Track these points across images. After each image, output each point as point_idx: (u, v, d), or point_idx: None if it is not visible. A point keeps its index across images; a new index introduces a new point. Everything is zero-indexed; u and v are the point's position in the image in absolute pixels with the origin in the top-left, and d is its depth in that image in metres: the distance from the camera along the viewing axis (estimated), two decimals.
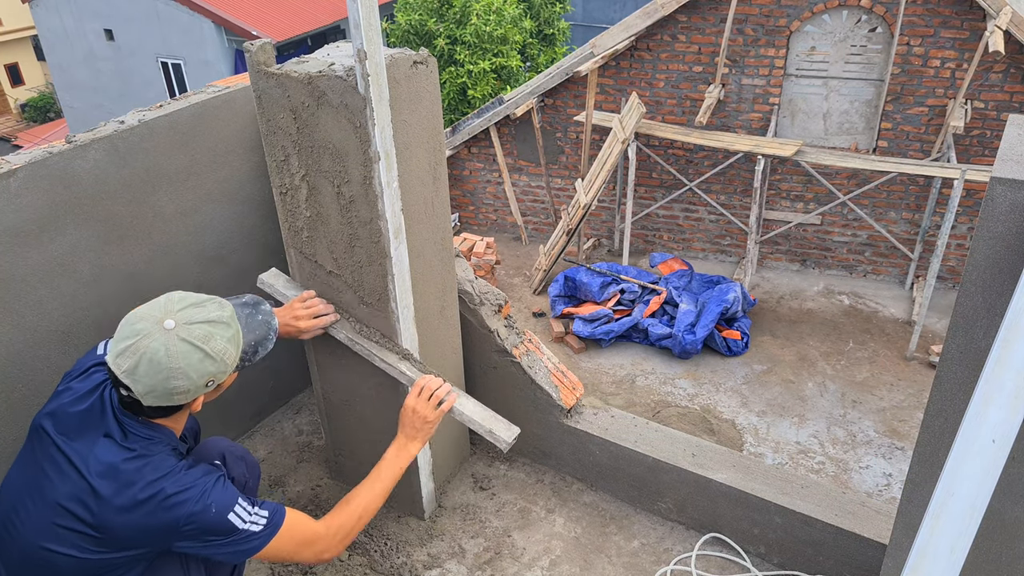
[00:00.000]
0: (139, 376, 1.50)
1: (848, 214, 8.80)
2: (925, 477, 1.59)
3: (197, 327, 1.55)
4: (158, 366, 1.50)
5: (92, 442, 1.56)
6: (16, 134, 23.66)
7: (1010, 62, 7.58)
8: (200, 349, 1.54)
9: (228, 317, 1.63)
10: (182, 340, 1.52)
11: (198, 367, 1.53)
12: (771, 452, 6.39)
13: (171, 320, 1.54)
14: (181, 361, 1.51)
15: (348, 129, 1.92)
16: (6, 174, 1.87)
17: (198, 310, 1.58)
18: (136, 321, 1.54)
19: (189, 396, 1.56)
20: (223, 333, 1.59)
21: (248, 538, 1.61)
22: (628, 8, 18.21)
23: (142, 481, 1.53)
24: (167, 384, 1.51)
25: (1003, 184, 1.27)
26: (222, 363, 1.58)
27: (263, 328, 1.75)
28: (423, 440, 2.02)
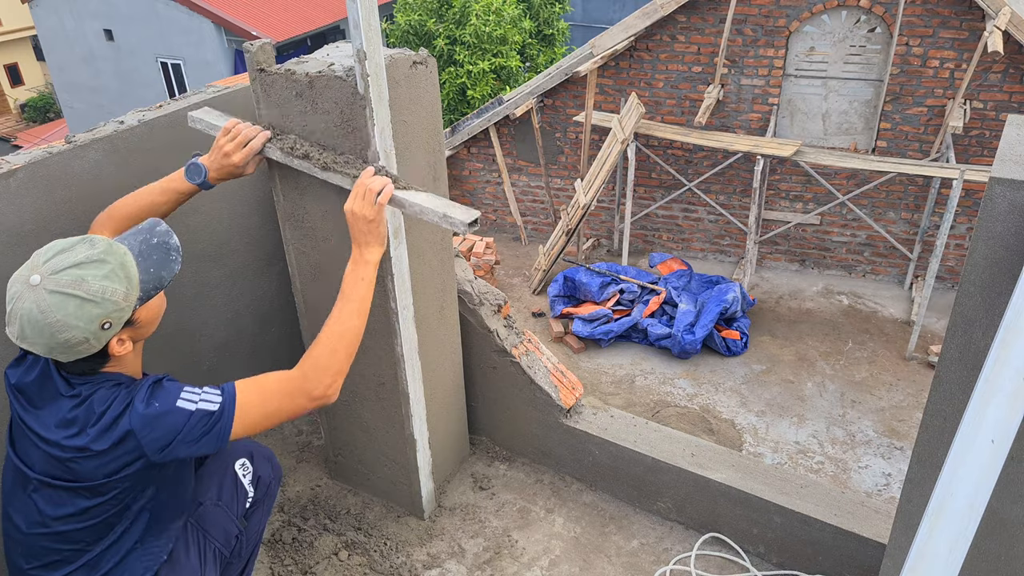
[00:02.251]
0: (29, 338, 1.46)
1: (847, 214, 8.80)
2: (924, 477, 1.59)
3: (64, 274, 1.47)
4: (38, 325, 1.45)
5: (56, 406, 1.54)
6: (16, 134, 23.64)
7: (1009, 62, 7.59)
8: (73, 296, 1.46)
9: (100, 253, 1.51)
10: (51, 292, 1.45)
11: (78, 313, 1.45)
12: (770, 452, 6.39)
13: (36, 275, 1.47)
14: (57, 313, 1.45)
15: (348, 129, 1.92)
16: (6, 174, 1.87)
17: (64, 256, 1.49)
18: (11, 285, 1.49)
19: (92, 344, 1.49)
20: (96, 272, 1.49)
21: (210, 418, 1.53)
22: (628, 8, 18.21)
23: (92, 417, 1.51)
24: (57, 338, 1.45)
25: (1002, 184, 1.27)
26: (106, 302, 1.48)
27: (161, 251, 1.61)
28: (377, 243, 1.83)
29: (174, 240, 1.65)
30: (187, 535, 1.76)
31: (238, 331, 2.66)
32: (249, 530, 1.94)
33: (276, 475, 2.02)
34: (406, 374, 2.22)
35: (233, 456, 1.91)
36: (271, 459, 2.01)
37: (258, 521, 1.97)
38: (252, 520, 1.95)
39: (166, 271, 1.60)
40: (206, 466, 1.88)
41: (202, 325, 2.50)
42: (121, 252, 1.54)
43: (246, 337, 2.70)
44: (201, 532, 1.79)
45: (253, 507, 1.93)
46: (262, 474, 1.94)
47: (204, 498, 1.82)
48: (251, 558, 2.00)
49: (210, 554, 1.78)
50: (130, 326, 1.55)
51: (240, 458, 1.91)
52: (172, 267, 1.62)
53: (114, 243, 1.55)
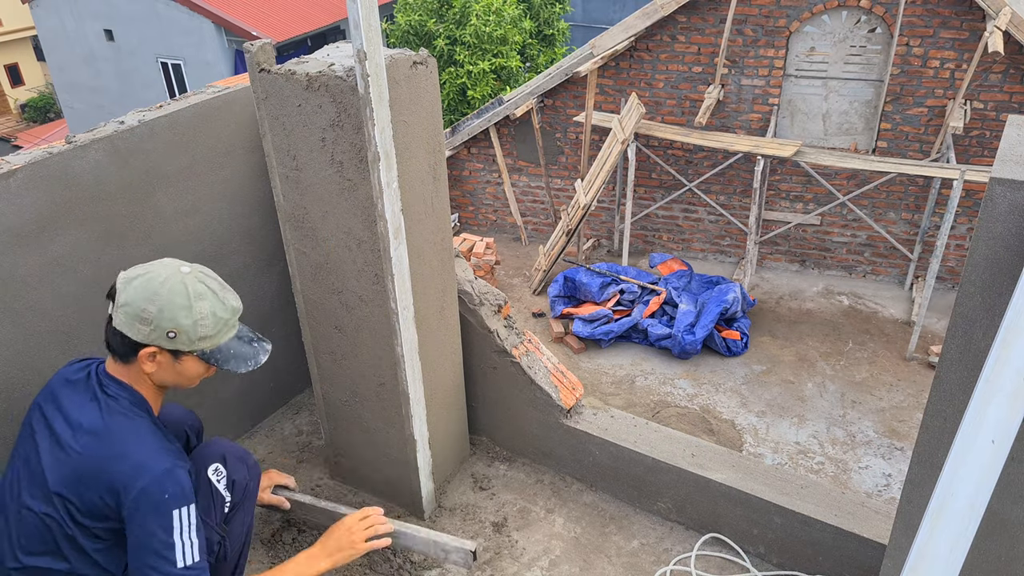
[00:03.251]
0: (130, 287, 1.59)
1: (847, 214, 8.80)
2: (924, 477, 1.59)
3: (201, 284, 1.64)
4: (149, 284, 1.59)
5: (80, 405, 1.63)
6: (16, 134, 23.64)
7: (1009, 63, 7.58)
8: (189, 297, 1.60)
9: (231, 308, 1.69)
10: (181, 282, 1.61)
11: (173, 310, 1.59)
12: (770, 452, 6.39)
13: (189, 268, 1.65)
14: (166, 293, 1.59)
15: (348, 129, 1.92)
16: (6, 174, 1.87)
17: (214, 281, 1.68)
18: (166, 259, 1.68)
19: (149, 331, 1.58)
20: (215, 306, 1.65)
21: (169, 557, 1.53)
22: (628, 8, 18.21)
23: (116, 435, 1.58)
24: (141, 304, 1.57)
25: (1002, 185, 1.27)
26: (194, 325, 1.61)
27: (248, 354, 1.74)
28: (337, 563, 1.92)
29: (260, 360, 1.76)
30: None
31: None
32: (232, 533, 1.90)
33: (253, 474, 1.96)
34: (406, 374, 2.22)
35: (204, 463, 1.84)
36: (245, 459, 1.94)
37: (240, 523, 1.93)
38: (233, 523, 1.91)
39: (233, 363, 1.72)
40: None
41: None
42: (235, 320, 1.71)
43: None
44: None
45: (232, 511, 1.89)
46: (236, 477, 1.89)
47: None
48: (241, 557, 1.96)
49: None
50: (172, 357, 1.65)
51: (212, 463, 1.85)
52: (238, 366, 1.73)
53: (239, 313, 1.73)
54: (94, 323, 2.13)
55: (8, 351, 1.94)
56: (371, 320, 2.20)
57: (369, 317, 2.20)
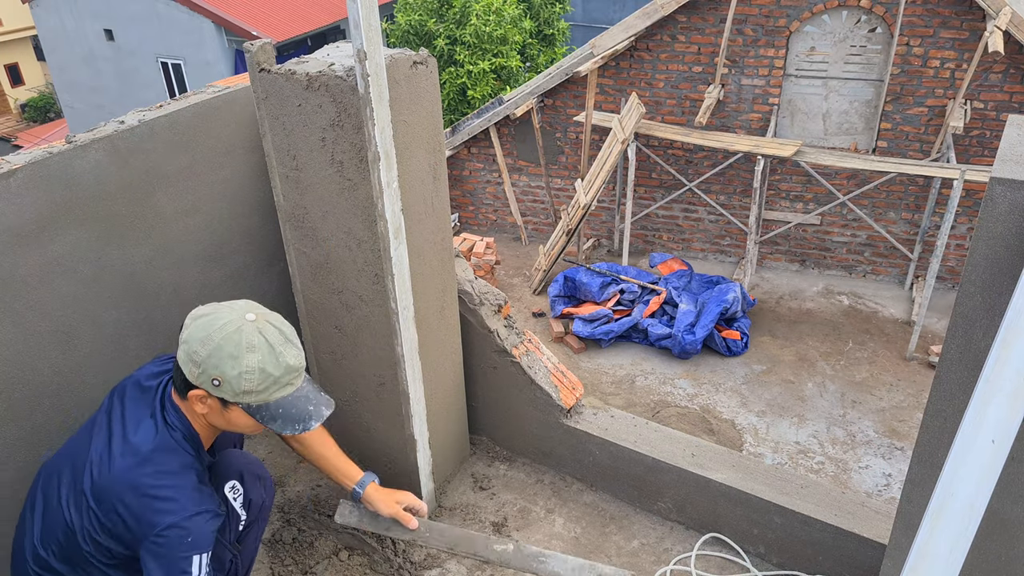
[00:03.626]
0: (194, 325, 1.58)
1: (848, 214, 8.80)
2: (925, 477, 1.59)
3: (260, 335, 1.57)
4: (208, 326, 1.56)
5: (139, 419, 1.63)
6: (16, 134, 23.63)
7: (1009, 62, 7.58)
8: (240, 348, 1.55)
9: (285, 366, 1.60)
10: (238, 329, 1.56)
11: (221, 358, 1.54)
12: (770, 452, 6.39)
13: (253, 315, 1.60)
14: (219, 340, 1.54)
15: (348, 129, 1.92)
16: (6, 174, 1.87)
17: (277, 334, 1.61)
18: (241, 301, 1.65)
19: (198, 374, 1.56)
20: (266, 362, 1.57)
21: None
22: (628, 8, 18.20)
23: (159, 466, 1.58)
24: (196, 345, 1.55)
25: (1002, 184, 1.27)
26: (238, 377, 1.55)
27: (300, 416, 1.66)
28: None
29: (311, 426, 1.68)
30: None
31: None
32: (244, 551, 1.89)
33: (269, 493, 1.93)
34: (406, 374, 2.22)
35: (222, 479, 1.81)
36: (262, 476, 1.91)
37: (253, 539, 1.92)
38: (247, 541, 1.90)
39: (280, 424, 1.65)
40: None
41: None
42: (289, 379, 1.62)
43: None
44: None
45: (246, 529, 1.87)
46: (253, 496, 1.86)
47: None
48: (249, 571, 1.96)
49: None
50: (220, 404, 1.61)
51: (229, 480, 1.82)
52: (284, 428, 1.65)
53: (303, 373, 1.65)
54: (94, 323, 2.13)
55: (8, 351, 1.94)
56: (371, 320, 2.20)
57: (369, 317, 2.20)
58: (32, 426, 2.01)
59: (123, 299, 2.20)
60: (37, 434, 2.03)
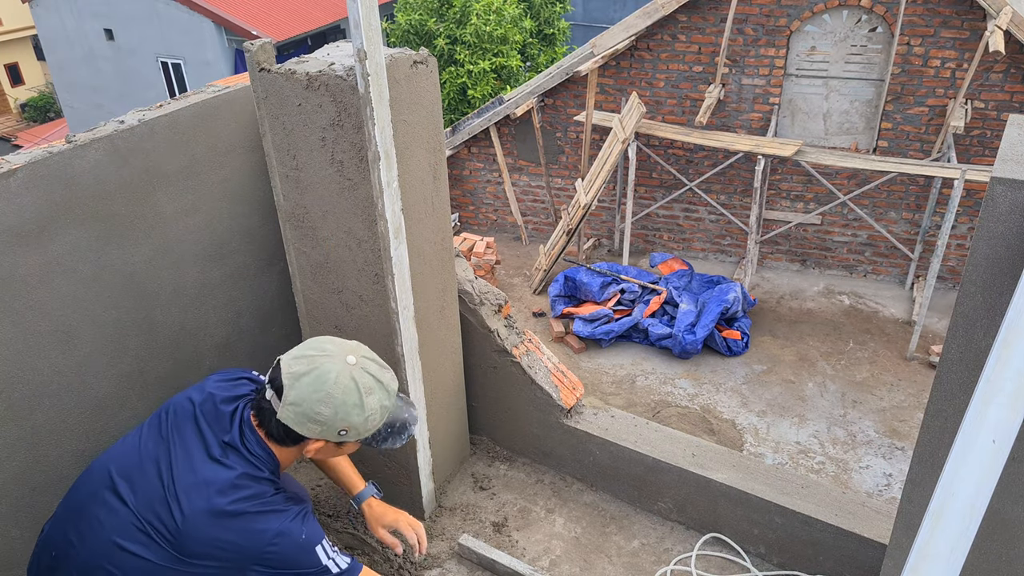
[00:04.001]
0: (300, 385, 1.54)
1: (848, 214, 8.80)
2: (925, 477, 1.59)
3: (368, 375, 1.59)
4: (321, 384, 1.54)
5: (206, 448, 1.59)
6: (16, 134, 23.64)
7: (1010, 62, 7.58)
8: (360, 395, 1.57)
9: (393, 391, 1.65)
10: (351, 377, 1.56)
11: (347, 408, 1.55)
12: (771, 452, 6.39)
13: (353, 357, 1.59)
14: (340, 394, 1.55)
15: (348, 128, 1.92)
16: (6, 174, 1.87)
17: (377, 366, 1.64)
18: (326, 342, 1.62)
19: (320, 431, 1.56)
20: (382, 397, 1.62)
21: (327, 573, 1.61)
22: (628, 8, 18.20)
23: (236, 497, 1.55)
24: (315, 406, 1.54)
25: (1003, 184, 1.27)
26: (365, 422, 1.59)
27: (402, 422, 1.70)
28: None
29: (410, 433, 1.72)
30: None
31: (239, 331, 2.66)
32: None
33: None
34: (406, 374, 2.22)
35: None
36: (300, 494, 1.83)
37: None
38: None
39: (389, 441, 1.68)
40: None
41: (203, 325, 2.50)
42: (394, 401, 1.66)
43: (247, 337, 2.70)
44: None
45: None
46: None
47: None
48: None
49: None
50: (336, 446, 1.64)
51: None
52: (393, 443, 1.69)
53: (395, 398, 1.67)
54: (94, 323, 2.13)
55: (8, 351, 1.94)
56: (371, 320, 2.20)
57: (369, 317, 2.20)
58: (32, 426, 2.01)
59: (123, 299, 2.20)
60: (37, 434, 2.03)
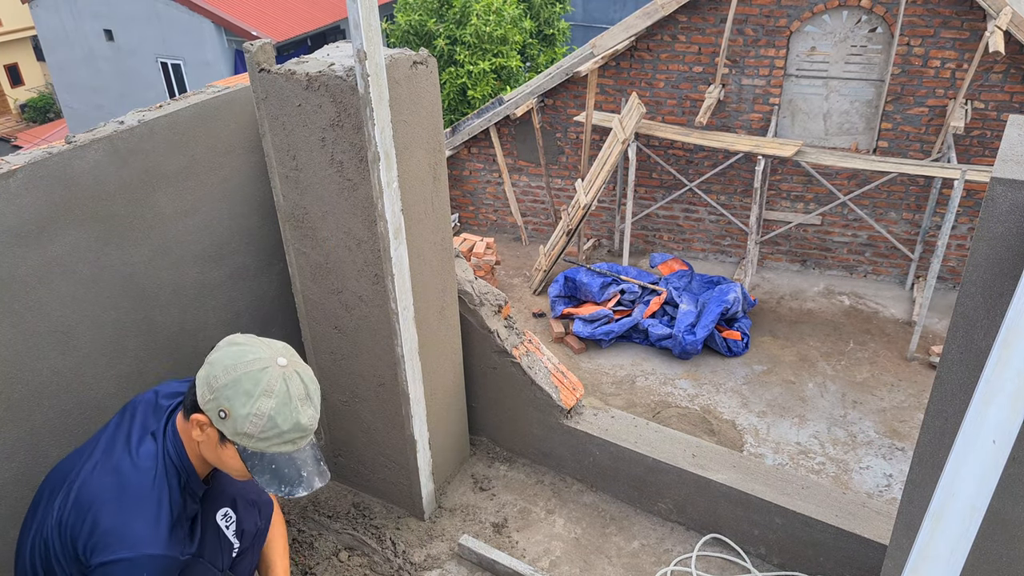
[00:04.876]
0: (223, 351, 1.54)
1: (848, 214, 8.79)
2: (925, 478, 1.59)
3: (282, 383, 1.51)
4: (236, 358, 1.51)
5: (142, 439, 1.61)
6: (16, 134, 23.64)
7: (1010, 62, 7.58)
8: (258, 388, 1.49)
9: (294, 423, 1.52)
10: (264, 370, 1.50)
11: (235, 390, 1.49)
12: (771, 453, 6.39)
13: (287, 360, 1.55)
14: (240, 373, 1.50)
15: (348, 129, 1.92)
16: (6, 174, 1.87)
17: (302, 388, 1.54)
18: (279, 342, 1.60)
19: (208, 399, 1.50)
20: (279, 412, 1.50)
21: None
22: (628, 8, 18.20)
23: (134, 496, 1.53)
24: (216, 370, 1.50)
25: (1003, 184, 1.27)
26: (245, 417, 1.48)
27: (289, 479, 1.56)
28: None
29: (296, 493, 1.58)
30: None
31: (239, 331, 2.65)
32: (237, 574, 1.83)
33: (265, 516, 1.85)
34: (406, 374, 2.22)
35: (215, 504, 1.72)
36: (257, 502, 1.82)
37: (247, 567, 1.86)
38: (240, 568, 1.83)
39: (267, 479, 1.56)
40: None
41: (203, 325, 2.50)
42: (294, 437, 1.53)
43: None
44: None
45: (240, 556, 1.80)
46: (247, 526, 1.78)
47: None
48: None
49: None
50: (218, 437, 1.54)
51: (222, 507, 1.72)
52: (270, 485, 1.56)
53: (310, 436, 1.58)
54: (94, 323, 2.13)
55: (8, 351, 1.94)
56: (371, 320, 2.20)
57: (369, 317, 2.20)
58: (32, 426, 2.01)
59: (123, 299, 2.20)
60: (37, 434, 2.03)
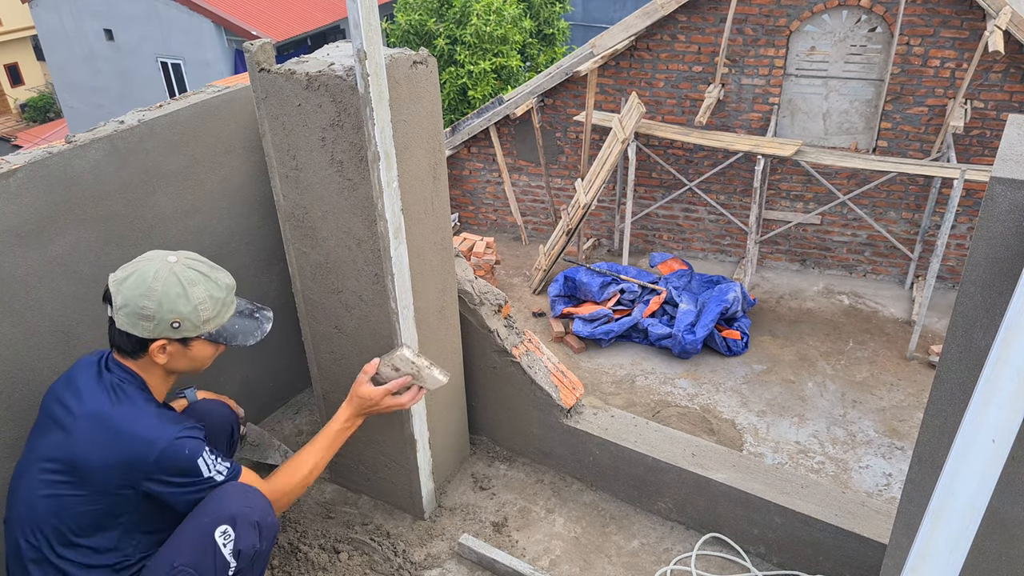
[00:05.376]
0: (123, 288, 1.66)
1: (848, 214, 8.80)
2: (925, 477, 1.59)
3: (191, 270, 1.71)
4: (141, 283, 1.66)
5: (91, 389, 1.69)
6: (16, 134, 23.64)
7: (1010, 62, 7.58)
8: (182, 285, 1.68)
9: (225, 286, 1.77)
10: (172, 272, 1.68)
11: (171, 300, 1.66)
12: (771, 452, 6.39)
13: (175, 257, 1.72)
14: (160, 286, 1.66)
15: (348, 129, 1.92)
16: (6, 174, 1.87)
17: (205, 265, 1.75)
18: (150, 252, 1.75)
19: (153, 327, 1.66)
20: (210, 288, 1.72)
21: (210, 486, 1.71)
22: (628, 8, 18.20)
23: (120, 419, 1.64)
24: (139, 302, 1.65)
25: (1003, 184, 1.27)
26: (195, 311, 1.69)
27: (252, 327, 1.85)
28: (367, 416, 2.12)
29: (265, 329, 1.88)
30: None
31: None
32: None
33: (267, 538, 1.78)
34: None
35: (213, 520, 1.69)
36: (259, 524, 1.75)
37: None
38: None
39: (240, 338, 1.82)
40: (185, 522, 1.71)
41: None
42: (231, 297, 1.80)
43: None
44: None
45: (239, 574, 1.73)
46: (243, 547, 1.70)
47: (177, 561, 1.66)
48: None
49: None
50: (181, 345, 1.73)
51: (221, 524, 1.69)
52: (246, 340, 1.83)
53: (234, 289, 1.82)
54: (94, 323, 2.13)
55: (8, 351, 1.94)
56: (371, 320, 2.20)
57: (369, 317, 2.20)
58: (32, 426, 2.01)
59: None
60: None
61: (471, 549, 2.34)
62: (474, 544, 2.35)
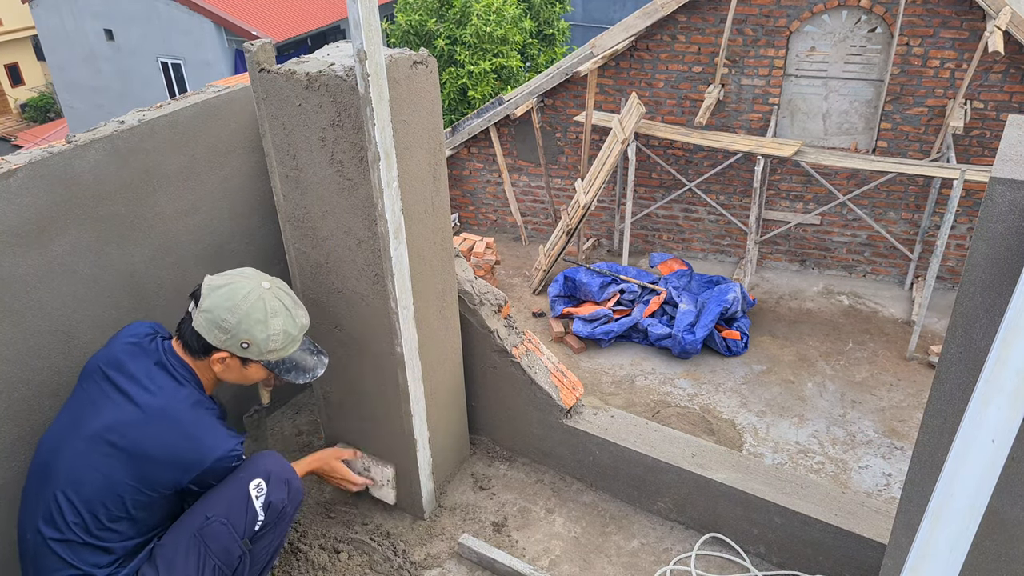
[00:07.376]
0: (214, 295, 1.77)
1: (847, 214, 8.80)
2: (924, 477, 1.59)
3: (278, 300, 1.83)
4: (231, 297, 1.77)
5: (149, 372, 1.78)
6: (16, 134, 23.63)
7: (1010, 62, 7.58)
8: (265, 313, 1.79)
9: (300, 326, 1.89)
10: (260, 297, 1.80)
11: (251, 323, 1.77)
12: (770, 452, 6.39)
13: (268, 283, 1.85)
14: (246, 307, 1.77)
15: (348, 129, 1.92)
16: (6, 174, 1.87)
17: (290, 298, 1.88)
18: (248, 269, 1.89)
19: (225, 339, 1.78)
20: (287, 324, 1.84)
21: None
22: (628, 8, 18.20)
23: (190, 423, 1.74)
24: (223, 314, 1.76)
25: (1002, 184, 1.27)
26: (267, 340, 1.80)
27: (309, 366, 1.97)
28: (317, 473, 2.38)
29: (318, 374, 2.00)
30: (189, 543, 1.79)
31: None
32: (255, 553, 1.89)
33: (293, 499, 1.95)
34: (406, 374, 2.22)
35: (249, 475, 1.87)
36: (289, 483, 1.94)
37: (268, 544, 1.93)
38: (260, 543, 1.90)
39: (294, 374, 1.94)
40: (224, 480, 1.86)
41: None
42: (301, 336, 1.92)
43: None
44: (203, 544, 1.79)
45: (263, 530, 1.88)
46: (274, 499, 1.88)
47: (211, 513, 1.80)
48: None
49: (208, 568, 1.79)
50: (240, 363, 1.85)
51: (256, 478, 1.87)
52: (297, 377, 1.94)
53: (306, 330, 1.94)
54: (94, 323, 2.13)
55: (8, 351, 1.94)
56: (371, 320, 2.20)
57: (369, 317, 2.20)
58: (32, 426, 2.01)
59: (123, 299, 2.20)
60: (37, 434, 2.03)
61: (471, 549, 2.34)
62: (474, 544, 2.35)
